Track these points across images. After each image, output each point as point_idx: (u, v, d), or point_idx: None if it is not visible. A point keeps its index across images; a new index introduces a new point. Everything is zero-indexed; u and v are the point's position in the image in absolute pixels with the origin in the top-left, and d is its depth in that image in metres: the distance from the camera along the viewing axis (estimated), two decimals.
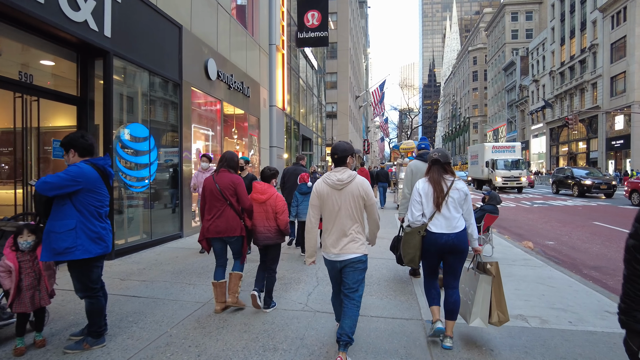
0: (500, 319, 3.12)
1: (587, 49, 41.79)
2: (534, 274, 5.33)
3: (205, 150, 9.95)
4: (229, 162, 3.87)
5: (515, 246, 7.37)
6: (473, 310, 3.15)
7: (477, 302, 3.14)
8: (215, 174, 3.81)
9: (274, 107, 14.01)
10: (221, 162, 3.88)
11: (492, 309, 3.13)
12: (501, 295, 3.15)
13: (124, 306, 4.01)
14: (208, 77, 9.00)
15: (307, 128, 20.92)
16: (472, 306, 3.16)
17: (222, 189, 3.72)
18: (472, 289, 3.20)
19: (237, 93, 10.75)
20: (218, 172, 3.82)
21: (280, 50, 14.64)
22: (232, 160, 3.90)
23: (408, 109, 55.31)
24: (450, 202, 3.11)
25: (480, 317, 3.14)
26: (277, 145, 14.17)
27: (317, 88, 25.28)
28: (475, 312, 3.14)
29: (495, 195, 6.17)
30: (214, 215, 3.73)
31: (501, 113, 71.41)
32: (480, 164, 27.05)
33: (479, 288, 3.14)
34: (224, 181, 3.74)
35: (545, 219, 11.69)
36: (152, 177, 7.24)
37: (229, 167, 3.84)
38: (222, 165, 3.85)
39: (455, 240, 3.04)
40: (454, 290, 3.17)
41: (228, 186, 3.73)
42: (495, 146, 26.87)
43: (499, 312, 3.13)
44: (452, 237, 3.04)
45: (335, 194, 2.88)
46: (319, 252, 3.36)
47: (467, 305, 3.24)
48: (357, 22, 52.38)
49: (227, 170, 3.81)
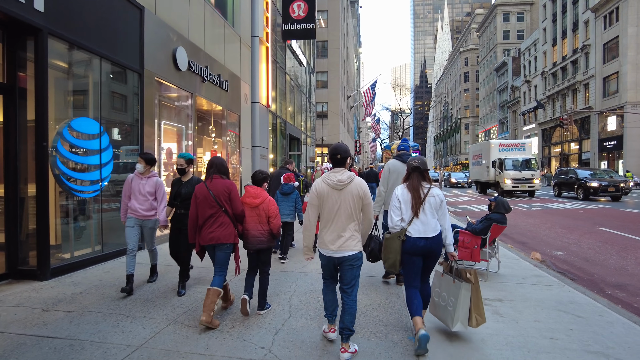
0: (478, 322, 3.31)
1: (579, 49, 41.55)
2: (551, 297, 4.44)
3: (179, 150, 8.94)
4: (220, 167, 3.83)
5: (522, 258, 6.51)
6: (455, 316, 3.28)
7: (458, 309, 3.27)
8: (208, 181, 3.76)
9: (257, 104, 13.02)
10: (211, 169, 3.81)
11: (470, 313, 3.30)
12: (479, 300, 3.33)
13: (24, 355, 3.00)
14: (177, 68, 8.00)
15: (294, 127, 19.96)
16: (454, 312, 3.28)
17: (217, 195, 3.68)
18: (453, 296, 3.33)
19: (213, 87, 9.76)
20: (211, 178, 3.76)
21: (264, 43, 13.66)
22: (223, 166, 3.86)
23: (400, 110, 54.67)
24: (427, 207, 3.21)
25: (461, 322, 3.29)
26: (260, 145, 13.19)
27: (306, 86, 24.33)
28: (456, 318, 3.28)
29: (502, 201, 5.29)
30: (207, 223, 3.71)
31: (493, 114, 71.23)
32: (484, 164, 23.89)
33: (460, 295, 3.27)
34: (218, 187, 3.71)
35: (547, 224, 10.89)
36: (105, 180, 6.23)
37: (220, 172, 3.80)
38: (213, 171, 3.79)
39: (433, 243, 3.18)
40: (426, 284, 3.40)
41: (223, 192, 3.71)
42: (502, 144, 23.20)
43: (477, 315, 3.31)
44: (429, 241, 3.17)
45: (335, 194, 3.01)
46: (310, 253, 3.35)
47: (447, 312, 3.37)
48: (348, 21, 51.62)
49: (219, 176, 3.78)
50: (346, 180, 3.00)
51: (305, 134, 23.73)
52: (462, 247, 5.23)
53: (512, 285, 4.92)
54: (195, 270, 5.42)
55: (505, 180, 20.41)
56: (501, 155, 22.03)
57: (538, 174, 20.90)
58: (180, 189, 4.57)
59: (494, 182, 22.11)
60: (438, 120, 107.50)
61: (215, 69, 9.90)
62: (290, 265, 5.99)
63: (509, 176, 20.42)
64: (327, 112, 37.09)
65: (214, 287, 3.59)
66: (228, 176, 3.94)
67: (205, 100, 9.81)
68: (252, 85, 12.95)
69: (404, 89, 63.27)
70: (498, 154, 22.26)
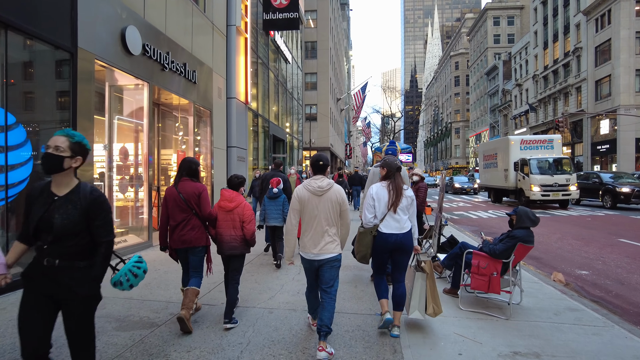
0: (435, 311, 3.50)
1: (570, 52, 41.20)
2: (605, 348, 3.20)
3: (136, 150, 7.56)
4: (188, 170, 3.76)
5: (542, 281, 5.30)
6: (412, 303, 3.55)
7: (415, 297, 3.55)
8: (177, 184, 3.71)
9: (234, 100, 11.70)
10: (181, 171, 3.77)
11: (427, 302, 3.52)
12: (435, 290, 3.56)
13: None
14: (127, 51, 6.65)
15: (279, 128, 18.65)
16: (411, 300, 3.55)
17: (187, 198, 3.65)
18: (412, 285, 3.57)
19: (176, 77, 8.42)
20: (179, 181, 3.71)
21: (242, 33, 12.37)
22: (191, 169, 3.78)
23: (391, 114, 53.82)
24: (399, 206, 3.43)
25: (418, 309, 3.52)
26: (237, 146, 11.85)
27: (293, 85, 23.07)
28: (413, 305, 3.53)
29: (525, 212, 4.05)
30: (178, 226, 3.66)
31: (483, 118, 70.93)
32: (500, 166, 19.21)
33: (416, 284, 3.55)
34: (187, 190, 3.67)
35: (557, 235, 9.74)
36: (17, 187, 4.85)
37: (189, 175, 3.75)
38: (182, 174, 3.74)
39: (403, 239, 3.40)
40: (401, 284, 3.52)
41: (192, 195, 3.67)
42: (525, 140, 18.27)
43: (434, 305, 3.51)
44: (400, 236, 3.39)
45: (315, 199, 3.14)
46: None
47: (407, 300, 3.59)
48: (338, 23, 50.69)
49: (189, 179, 3.73)
50: (326, 186, 3.14)
51: (291, 135, 22.43)
52: (476, 273, 3.98)
53: (545, 326, 3.68)
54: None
55: (532, 187, 15.81)
56: (524, 154, 17.33)
57: (574, 179, 16.16)
58: (44, 213, 2.11)
59: (514, 189, 17.45)
60: (428, 125, 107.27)
61: (180, 57, 8.57)
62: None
63: (537, 182, 15.78)
64: (317, 115, 35.87)
65: (192, 286, 3.65)
66: (198, 178, 3.85)
67: (170, 94, 8.47)
68: (228, 79, 11.64)
69: (395, 91, 62.57)
70: (520, 154, 17.50)
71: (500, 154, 19.41)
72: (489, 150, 21.36)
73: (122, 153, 7.57)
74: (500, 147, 19.59)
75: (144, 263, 2.54)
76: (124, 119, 7.75)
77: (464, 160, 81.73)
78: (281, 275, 5.56)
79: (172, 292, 4.68)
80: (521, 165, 16.79)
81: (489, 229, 11.11)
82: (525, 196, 16.27)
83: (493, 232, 10.51)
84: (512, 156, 17.79)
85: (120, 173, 7.62)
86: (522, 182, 16.64)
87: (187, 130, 9.40)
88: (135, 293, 4.49)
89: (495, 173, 19.90)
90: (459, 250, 4.46)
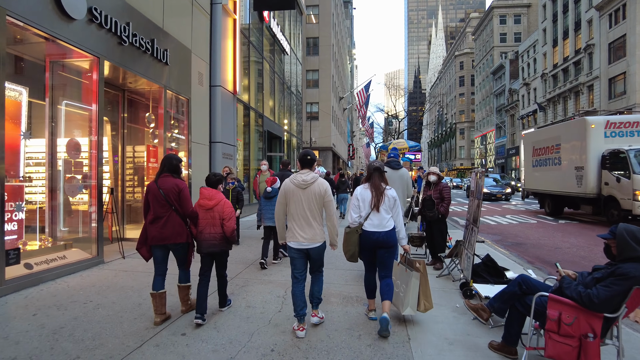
0: (426, 307, 3.67)
1: (582, 49, 39.65)
2: None
3: (93, 145, 6.05)
4: (169, 166, 3.70)
5: (628, 326, 3.75)
6: (404, 301, 3.66)
7: (407, 295, 3.64)
8: (158, 179, 3.65)
9: (219, 88, 10.19)
10: (162, 168, 3.71)
11: (419, 299, 3.67)
12: (427, 287, 3.71)
13: None
14: (63, 12, 5.14)
15: (275, 124, 17.11)
16: (404, 298, 3.68)
17: (166, 194, 3.59)
18: (405, 283, 3.70)
19: (140, 54, 6.91)
20: (159, 177, 3.66)
21: (230, 14, 10.87)
22: (172, 165, 3.72)
23: (395, 113, 52.33)
24: (382, 205, 3.59)
25: (410, 306, 3.63)
26: (223, 141, 10.34)
27: (291, 78, 21.55)
28: (406, 303, 3.64)
29: (633, 234, 2.51)
30: (158, 222, 3.60)
31: (489, 118, 69.35)
32: (567, 162, 12.96)
33: (410, 283, 3.62)
34: (167, 186, 3.61)
35: (590, 243, 8.19)
36: None
37: (170, 171, 3.69)
38: (163, 170, 3.69)
39: (385, 236, 3.55)
40: (387, 280, 3.64)
41: (172, 190, 3.61)
42: (613, 123, 12.11)
43: (425, 302, 3.67)
44: (382, 234, 3.55)
45: (300, 192, 3.38)
46: None
47: (399, 297, 3.76)
48: (341, 20, 49.26)
49: (170, 175, 3.68)
50: (310, 180, 3.38)
51: (289, 133, 20.90)
52: (556, 333, 2.44)
53: None
54: None
55: (638, 194, 10.34)
56: (612, 143, 11.77)
57: None
58: None
59: (594, 197, 11.80)
60: (432, 125, 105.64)
61: (146, 31, 7.07)
62: None
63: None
64: (318, 113, 34.36)
65: (182, 283, 3.80)
66: (179, 175, 3.78)
67: (136, 77, 6.97)
68: (212, 65, 10.13)
69: (399, 89, 61.14)
70: (604, 143, 11.92)
71: (567, 145, 13.05)
72: (545, 141, 14.65)
73: (71, 147, 6.08)
74: (568, 134, 13.09)
75: None
76: (73, 104, 6.26)
77: (469, 161, 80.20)
78: None
79: (85, 346, 3.16)
80: (611, 160, 11.34)
81: (512, 237, 9.55)
82: (622, 208, 10.73)
83: (519, 242, 8.94)
84: (591, 146, 11.87)
85: (68, 172, 6.13)
86: (612, 187, 11.14)
87: (158, 121, 7.89)
88: (27, 349, 3.00)
89: (556, 173, 13.59)
90: (517, 289, 2.93)
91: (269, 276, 5.32)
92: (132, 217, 8.69)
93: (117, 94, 7.75)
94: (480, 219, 12.81)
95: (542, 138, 15.15)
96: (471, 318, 3.79)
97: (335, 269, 5.71)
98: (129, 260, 6.11)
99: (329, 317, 3.81)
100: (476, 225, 4.34)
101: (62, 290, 4.50)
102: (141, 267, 5.66)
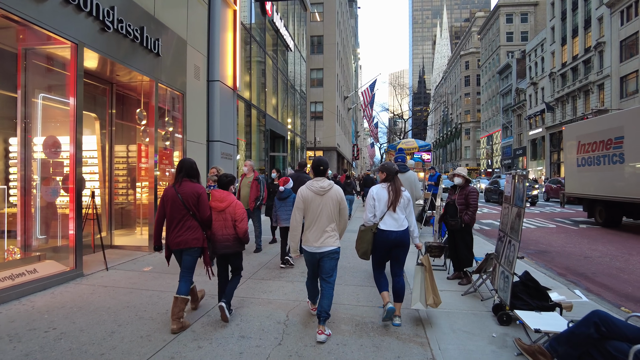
0: (435, 302, 3.66)
1: (592, 47, 38.76)
2: None
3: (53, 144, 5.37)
4: (189, 170, 3.70)
5: None
6: (413, 295, 3.81)
7: (416, 289, 3.80)
8: (177, 185, 3.65)
9: (218, 83, 9.51)
10: (180, 172, 3.69)
11: (427, 294, 3.71)
12: (434, 282, 3.75)
13: None
14: None
15: (278, 123, 16.42)
16: (412, 292, 3.86)
17: (185, 199, 3.60)
18: (411, 277, 4.14)
19: (127, 42, 6.23)
20: (180, 182, 3.65)
21: (230, 4, 10.20)
22: (192, 169, 3.73)
23: (401, 112, 51.54)
24: (398, 206, 3.72)
25: (419, 301, 3.73)
26: (222, 140, 9.67)
27: (295, 76, 20.85)
28: (415, 297, 3.77)
29: None
30: (175, 227, 3.62)
31: (495, 118, 68.40)
32: (629, 160, 10.34)
33: (416, 277, 3.83)
34: (186, 191, 3.62)
35: (623, 251, 7.44)
36: None
37: (189, 176, 3.69)
38: (183, 175, 3.67)
39: (402, 235, 3.68)
40: (400, 278, 3.80)
41: (191, 196, 3.62)
42: None
43: (434, 296, 3.67)
44: (399, 233, 3.66)
45: (318, 198, 3.52)
46: None
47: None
48: (345, 18, 48.54)
49: (188, 179, 3.68)
50: (327, 187, 3.53)
51: (293, 132, 20.19)
52: None
53: None
54: None
55: None
56: None
57: None
58: None
59: None
60: (437, 125, 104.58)
61: (134, 17, 6.40)
62: None
63: None
64: (323, 113, 33.64)
65: (180, 295, 3.56)
66: (198, 179, 3.82)
67: (126, 70, 6.30)
68: (210, 58, 9.46)
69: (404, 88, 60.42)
70: None
71: (632, 137, 10.23)
72: (597, 134, 11.70)
73: (48, 146, 5.43)
74: (633, 124, 10.24)
75: None
76: (50, 97, 5.60)
77: (474, 162, 79.22)
78: None
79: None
80: None
81: (534, 244, 8.81)
82: None
83: (542, 250, 8.18)
84: None
85: (45, 173, 5.48)
86: None
87: (149, 119, 7.20)
88: None
89: (615, 174, 10.81)
90: (593, 331, 2.22)
91: (268, 294, 4.63)
92: (123, 222, 8.04)
93: (105, 87, 7.08)
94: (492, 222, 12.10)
95: (592, 131, 12.00)
96: (515, 354, 3.08)
97: (345, 285, 5.01)
98: (112, 273, 5.43)
99: (341, 353, 3.10)
100: (516, 239, 3.62)
101: (24, 313, 3.83)
102: (124, 282, 4.99)
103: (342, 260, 5.03)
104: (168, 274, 5.28)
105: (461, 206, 4.94)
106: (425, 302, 3.67)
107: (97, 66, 6.33)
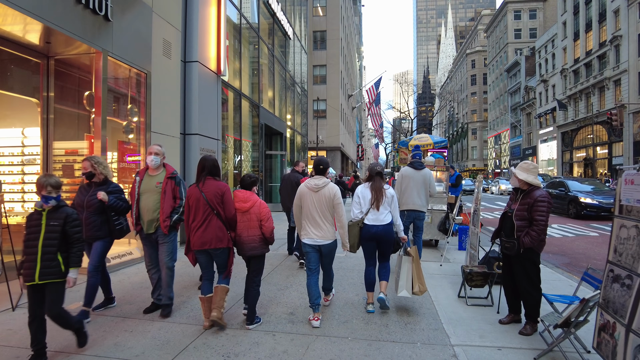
0: (420, 289, 3.99)
1: (607, 42, 37.02)
2: None
3: None
4: (211, 169, 3.64)
5: None
6: (399, 283, 4.08)
7: (402, 277, 4.08)
8: (201, 184, 3.58)
9: (196, 64, 7.98)
10: (203, 171, 3.61)
11: (413, 282, 4.02)
12: (420, 271, 4.07)
13: None
14: None
15: (275, 117, 14.86)
16: (399, 280, 4.11)
17: (209, 198, 3.55)
18: (399, 267, 4.17)
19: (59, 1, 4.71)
20: (203, 181, 3.59)
21: None
22: (214, 167, 3.67)
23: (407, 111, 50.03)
24: (381, 204, 4.03)
25: (405, 289, 4.01)
26: (201, 133, 8.13)
27: (294, 67, 19.31)
28: (401, 285, 4.05)
29: None
30: (199, 227, 3.55)
31: (503, 117, 66.71)
32: None
33: (403, 266, 4.11)
34: (210, 189, 3.58)
35: None
36: None
37: (211, 174, 3.64)
38: (205, 173, 3.61)
39: (383, 230, 4.00)
40: (385, 263, 4.20)
41: (216, 194, 3.57)
42: None
43: (419, 284, 3.99)
44: (380, 227, 4.00)
45: (313, 195, 3.78)
46: None
47: (395, 281, 4.22)
48: (349, 14, 47.10)
49: (212, 178, 3.63)
50: (321, 184, 3.78)
51: (293, 129, 18.64)
52: None
53: None
54: None
55: None
56: None
57: None
58: None
59: None
60: (443, 125, 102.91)
61: None
62: None
63: None
64: (326, 111, 32.09)
65: (221, 284, 3.62)
66: (220, 177, 3.77)
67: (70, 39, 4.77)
68: (188, 34, 7.94)
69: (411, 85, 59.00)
70: None
71: None
72: None
73: None
74: None
75: None
76: None
77: (481, 162, 77.48)
78: None
79: None
80: None
81: (584, 259, 7.17)
82: None
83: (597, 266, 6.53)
84: None
85: None
86: None
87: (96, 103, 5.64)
88: None
89: None
90: None
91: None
92: None
93: (38, 62, 5.54)
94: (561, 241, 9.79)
95: None
96: None
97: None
98: (19, 314, 3.86)
99: None
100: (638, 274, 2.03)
101: None
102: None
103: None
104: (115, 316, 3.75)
105: (520, 221, 3.40)
106: (411, 289, 3.98)
107: (21, 31, 4.81)
